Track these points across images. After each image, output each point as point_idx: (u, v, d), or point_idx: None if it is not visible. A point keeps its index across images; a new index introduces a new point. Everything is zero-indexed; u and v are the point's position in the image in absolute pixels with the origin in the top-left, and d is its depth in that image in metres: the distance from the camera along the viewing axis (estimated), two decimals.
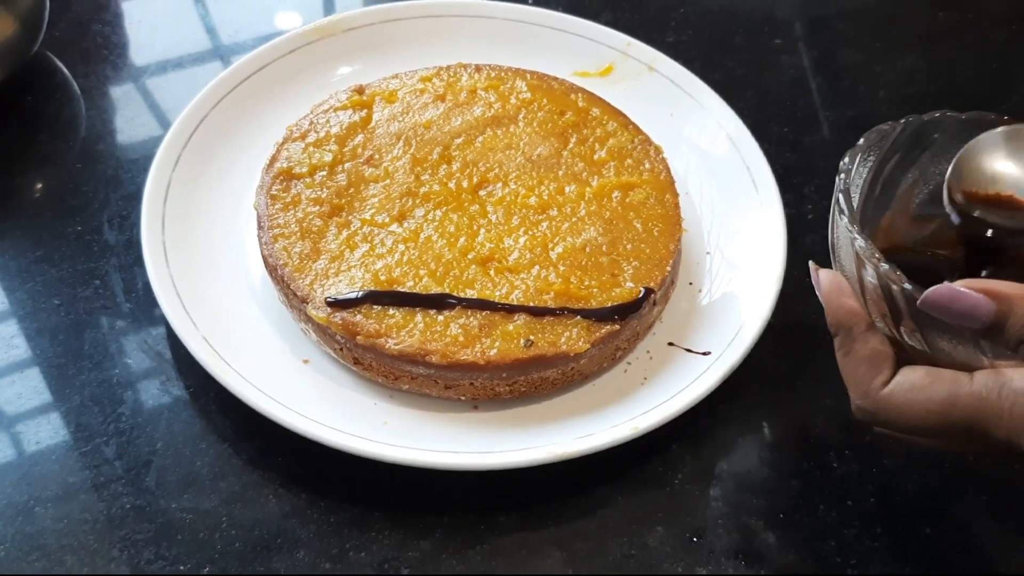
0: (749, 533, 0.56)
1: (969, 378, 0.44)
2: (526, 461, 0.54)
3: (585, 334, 0.57)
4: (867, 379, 0.46)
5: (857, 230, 0.47)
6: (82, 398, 0.59)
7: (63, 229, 0.67)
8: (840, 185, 0.50)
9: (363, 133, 0.66)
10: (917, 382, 0.44)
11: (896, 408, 0.45)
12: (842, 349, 0.48)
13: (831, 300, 0.48)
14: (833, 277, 0.49)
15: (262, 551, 0.54)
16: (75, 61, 0.79)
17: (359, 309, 0.57)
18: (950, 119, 0.52)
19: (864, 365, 0.46)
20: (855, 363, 0.47)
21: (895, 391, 0.45)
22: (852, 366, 0.47)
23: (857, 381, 0.47)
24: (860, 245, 0.47)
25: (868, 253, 0.46)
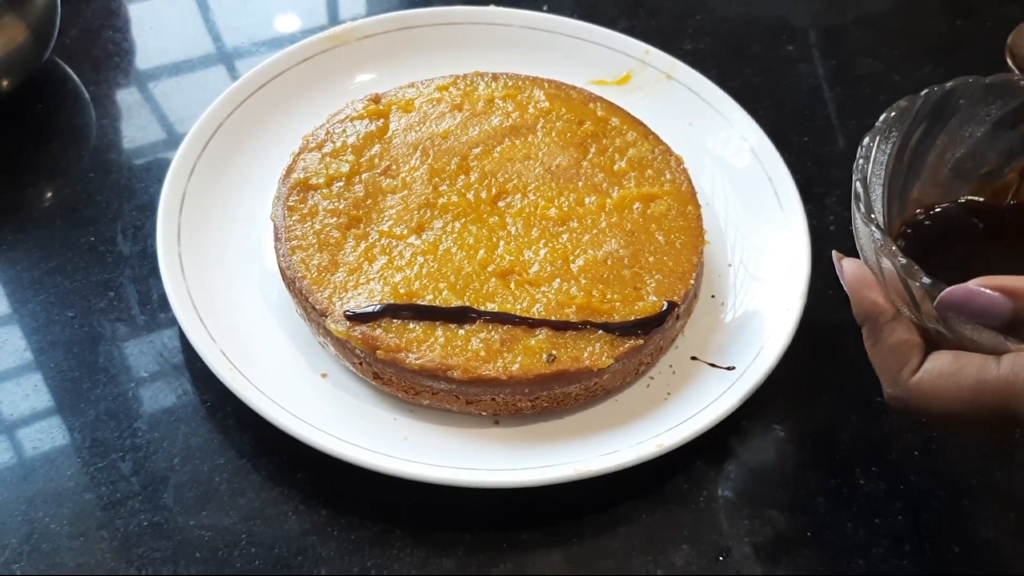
0: (776, 552, 0.55)
1: (996, 362, 0.44)
2: (550, 479, 0.54)
3: (608, 349, 0.57)
4: (896, 367, 0.47)
5: (875, 224, 0.46)
6: (97, 412, 0.59)
7: (76, 240, 0.66)
8: (858, 173, 0.49)
9: (380, 143, 0.65)
10: (945, 369, 0.45)
11: (926, 395, 0.45)
12: (870, 339, 0.48)
13: (856, 291, 0.49)
14: (857, 269, 0.49)
15: (283, 569, 0.53)
16: (86, 68, 0.78)
17: (379, 323, 0.56)
18: (974, 84, 0.52)
19: (893, 354, 0.47)
20: (884, 352, 0.47)
21: (924, 378, 0.46)
22: (881, 355, 0.48)
23: (887, 370, 0.47)
24: (877, 238, 0.46)
25: (885, 248, 0.46)
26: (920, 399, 0.46)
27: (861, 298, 0.48)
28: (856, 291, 0.49)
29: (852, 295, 0.49)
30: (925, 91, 0.51)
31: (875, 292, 0.48)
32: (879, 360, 0.48)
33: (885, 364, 0.47)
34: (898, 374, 0.47)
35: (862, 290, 0.48)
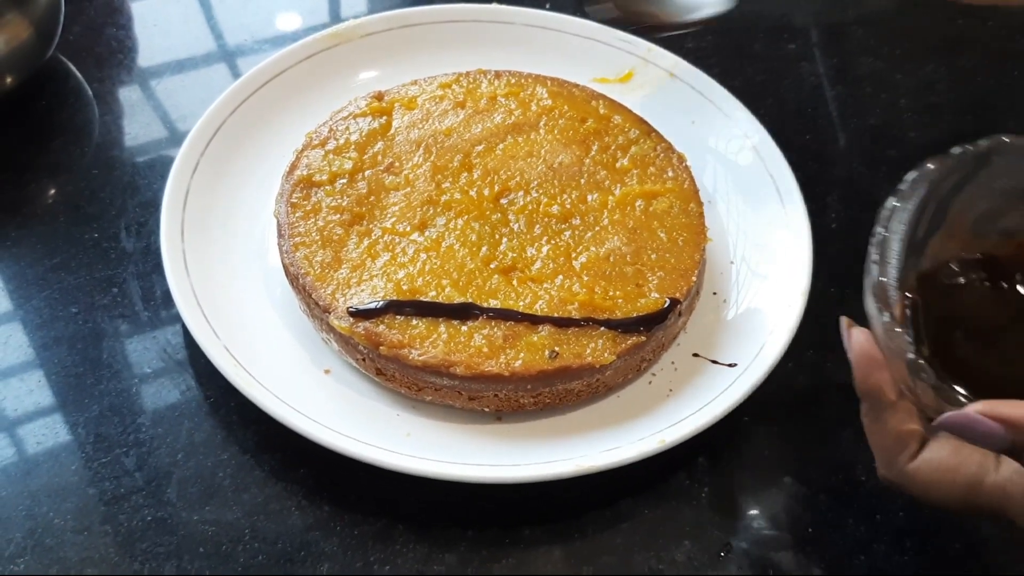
0: (778, 548, 0.55)
1: (995, 465, 0.43)
2: (552, 474, 0.54)
3: (610, 345, 0.57)
4: (894, 451, 0.46)
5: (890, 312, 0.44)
6: (101, 408, 0.59)
7: (79, 236, 0.67)
8: (876, 237, 0.47)
9: (383, 140, 0.66)
10: (943, 462, 0.44)
11: (921, 484, 0.45)
12: (869, 416, 0.47)
13: (860, 367, 0.47)
14: (865, 343, 0.47)
15: (286, 564, 0.53)
16: (89, 66, 0.78)
17: (382, 319, 0.57)
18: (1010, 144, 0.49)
19: (892, 438, 0.46)
20: (883, 434, 0.47)
21: (921, 467, 0.45)
22: (880, 436, 0.47)
23: (884, 451, 0.47)
24: (887, 323, 0.45)
25: (896, 339, 0.44)
26: (914, 487, 0.46)
27: (865, 375, 0.47)
28: (861, 367, 0.47)
29: (856, 370, 0.48)
30: (959, 150, 0.49)
31: (881, 371, 0.47)
32: (877, 440, 0.47)
33: (883, 446, 0.47)
34: (895, 458, 0.46)
35: (867, 367, 0.47)
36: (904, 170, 0.74)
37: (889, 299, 0.45)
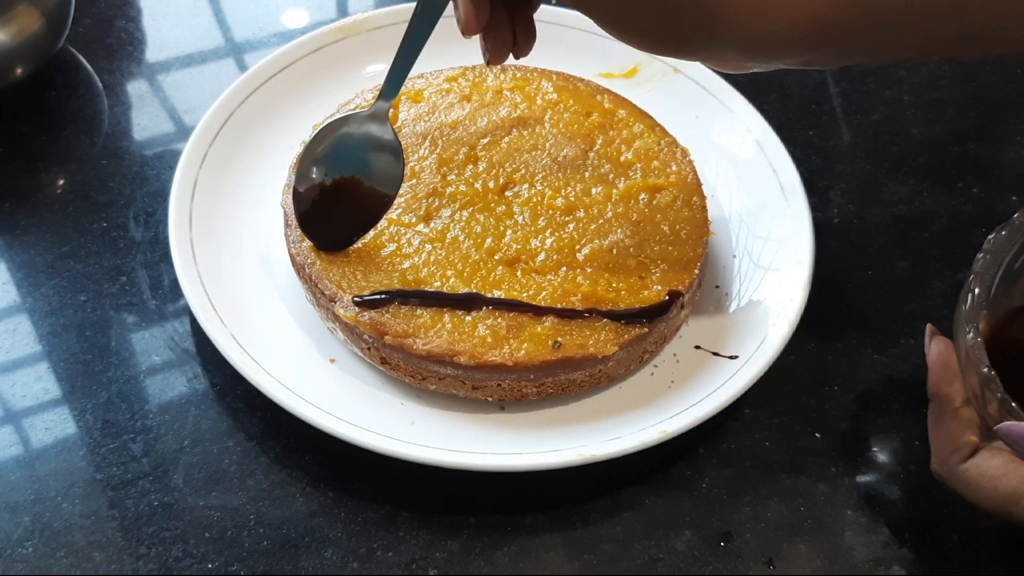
0: (777, 538, 0.56)
1: None
2: (554, 463, 0.54)
3: (613, 336, 0.57)
4: (948, 450, 0.51)
5: (972, 327, 0.48)
6: (109, 395, 0.59)
7: (88, 225, 0.67)
8: (977, 265, 0.51)
9: None
10: (990, 471, 0.49)
11: (967, 485, 0.50)
12: (933, 415, 0.52)
13: (935, 372, 0.52)
14: (944, 352, 0.52)
15: (290, 550, 0.54)
16: (98, 57, 0.79)
17: (387, 309, 0.57)
18: None
19: (949, 439, 0.51)
20: (942, 434, 0.51)
21: (970, 470, 0.49)
22: (939, 435, 0.52)
23: (939, 449, 0.51)
24: (970, 340, 0.48)
25: (976, 354, 0.48)
26: (960, 486, 0.50)
27: (939, 379, 0.52)
28: (936, 372, 0.52)
29: (931, 374, 0.52)
30: None
31: (953, 379, 0.51)
32: (936, 438, 0.52)
33: (939, 444, 0.51)
34: (948, 456, 0.51)
35: (942, 373, 0.52)
36: (906, 165, 0.75)
37: (978, 317, 0.49)
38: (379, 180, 0.59)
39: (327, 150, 0.59)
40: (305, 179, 0.59)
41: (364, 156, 0.59)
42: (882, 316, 0.66)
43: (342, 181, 0.59)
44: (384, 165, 0.59)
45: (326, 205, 0.59)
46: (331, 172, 0.59)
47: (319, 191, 0.59)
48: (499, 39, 0.55)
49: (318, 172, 0.59)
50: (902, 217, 0.72)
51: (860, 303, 0.67)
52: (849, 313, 0.66)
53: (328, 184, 0.59)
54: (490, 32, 0.54)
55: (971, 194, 0.74)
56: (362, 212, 0.60)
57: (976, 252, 0.67)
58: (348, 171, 0.59)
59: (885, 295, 0.67)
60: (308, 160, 0.59)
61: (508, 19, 0.54)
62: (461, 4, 0.52)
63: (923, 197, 0.73)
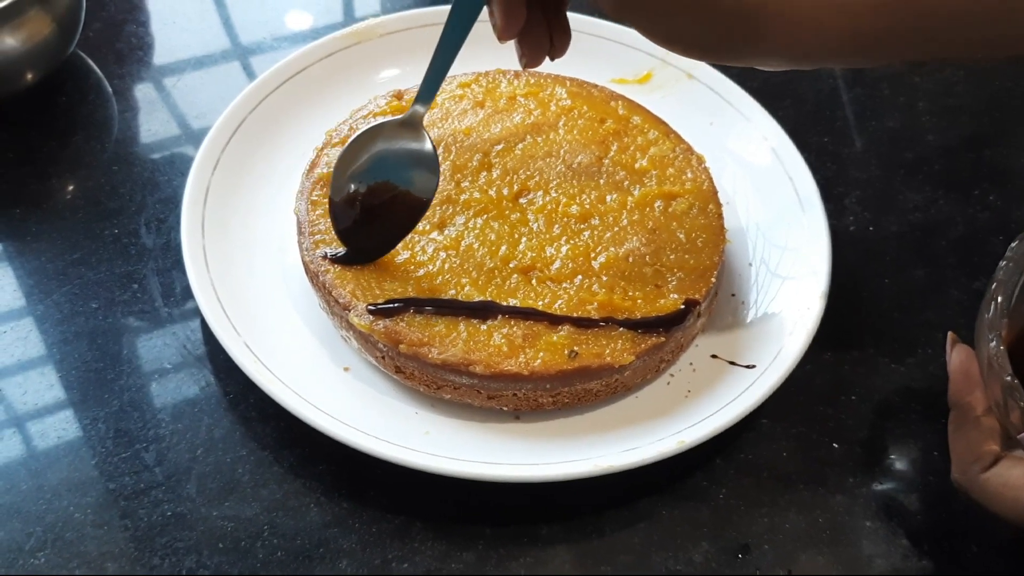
0: (795, 550, 0.55)
1: None
2: (571, 474, 0.54)
3: (629, 345, 0.57)
4: (969, 459, 0.50)
5: (995, 335, 0.48)
6: (121, 403, 0.59)
7: (99, 232, 0.67)
8: (999, 273, 0.50)
9: None
10: (1012, 481, 0.48)
11: (987, 495, 0.49)
12: (954, 424, 0.52)
13: (956, 380, 0.52)
14: (965, 360, 0.52)
15: (304, 561, 0.53)
16: (109, 62, 0.78)
17: (402, 317, 0.57)
18: None
19: (970, 448, 0.50)
20: (963, 443, 0.51)
21: (991, 480, 0.49)
22: (959, 444, 0.51)
23: (960, 459, 0.51)
24: (993, 348, 0.48)
25: (999, 362, 0.47)
26: (980, 495, 0.50)
27: (960, 388, 0.51)
28: (957, 380, 0.52)
29: (952, 382, 0.52)
30: None
31: (975, 388, 0.51)
32: (956, 447, 0.52)
33: (960, 453, 0.51)
34: (969, 466, 0.50)
35: (964, 382, 0.51)
36: (922, 172, 0.75)
37: (1000, 325, 0.48)
38: (415, 185, 0.59)
39: (361, 159, 0.58)
40: (341, 190, 0.59)
41: (399, 162, 0.59)
42: (899, 325, 0.66)
43: (376, 188, 0.59)
44: (419, 170, 0.59)
45: (363, 213, 0.59)
46: (366, 180, 0.58)
47: (355, 200, 0.59)
48: (535, 42, 0.54)
49: (353, 181, 0.58)
50: (918, 224, 0.72)
51: (876, 312, 0.67)
52: (865, 322, 0.66)
53: (363, 192, 0.59)
54: (526, 36, 0.54)
55: (987, 201, 0.73)
56: (398, 218, 0.59)
57: (993, 259, 0.66)
58: (383, 178, 0.59)
59: (901, 304, 0.67)
60: (343, 170, 0.58)
61: (543, 21, 0.54)
62: (496, 11, 0.52)
63: (939, 204, 0.73)
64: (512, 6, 0.52)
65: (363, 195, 0.59)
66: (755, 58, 0.46)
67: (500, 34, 0.53)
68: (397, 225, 0.59)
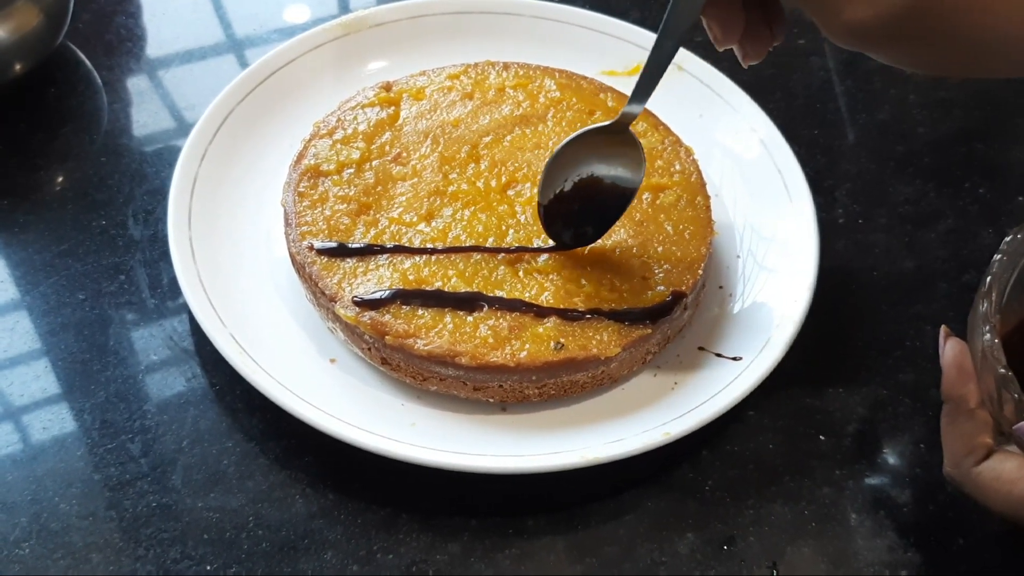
0: (781, 542, 0.55)
1: None
2: (556, 465, 0.54)
3: (616, 337, 0.57)
4: (961, 453, 0.50)
5: (990, 328, 0.48)
6: (107, 394, 0.59)
7: (87, 223, 0.67)
8: (994, 267, 0.50)
9: (391, 130, 0.66)
10: (1005, 474, 0.48)
11: (980, 488, 0.49)
12: (947, 417, 0.51)
13: (950, 373, 0.51)
14: (959, 354, 0.51)
15: (289, 552, 0.53)
16: (98, 53, 0.78)
17: (388, 309, 0.57)
18: None
19: (962, 441, 0.50)
20: (956, 436, 0.50)
21: (983, 474, 0.49)
22: (952, 437, 0.51)
23: (953, 452, 0.51)
24: (987, 341, 0.47)
25: (993, 354, 0.47)
26: (973, 489, 0.49)
27: (953, 381, 0.51)
28: (950, 374, 0.51)
29: (945, 375, 0.51)
30: None
31: (968, 381, 0.50)
32: (949, 440, 0.51)
33: (953, 446, 0.51)
34: (962, 459, 0.50)
35: (956, 374, 0.51)
36: (912, 165, 0.74)
37: (994, 319, 0.48)
38: (621, 178, 0.58)
39: (568, 160, 0.58)
40: (547, 193, 0.58)
41: (604, 159, 0.58)
42: (887, 317, 0.66)
43: (582, 183, 0.58)
44: (623, 164, 0.58)
45: (569, 207, 0.59)
46: (572, 178, 0.58)
47: (562, 197, 0.58)
48: (757, 41, 0.53)
49: (560, 182, 0.58)
50: (908, 217, 0.71)
51: (865, 304, 0.67)
52: (854, 314, 0.66)
53: (568, 189, 0.58)
54: (747, 36, 0.52)
55: (978, 194, 0.73)
56: (605, 209, 0.59)
57: (984, 253, 0.66)
58: (587, 174, 0.58)
59: (890, 296, 0.67)
60: (551, 174, 0.58)
61: (763, 16, 0.52)
62: (713, 23, 0.51)
63: (929, 197, 0.73)
64: (730, 14, 0.51)
65: (569, 192, 0.58)
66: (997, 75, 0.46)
67: (719, 44, 0.52)
68: (604, 215, 0.59)
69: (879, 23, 0.44)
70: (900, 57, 0.46)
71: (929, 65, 0.47)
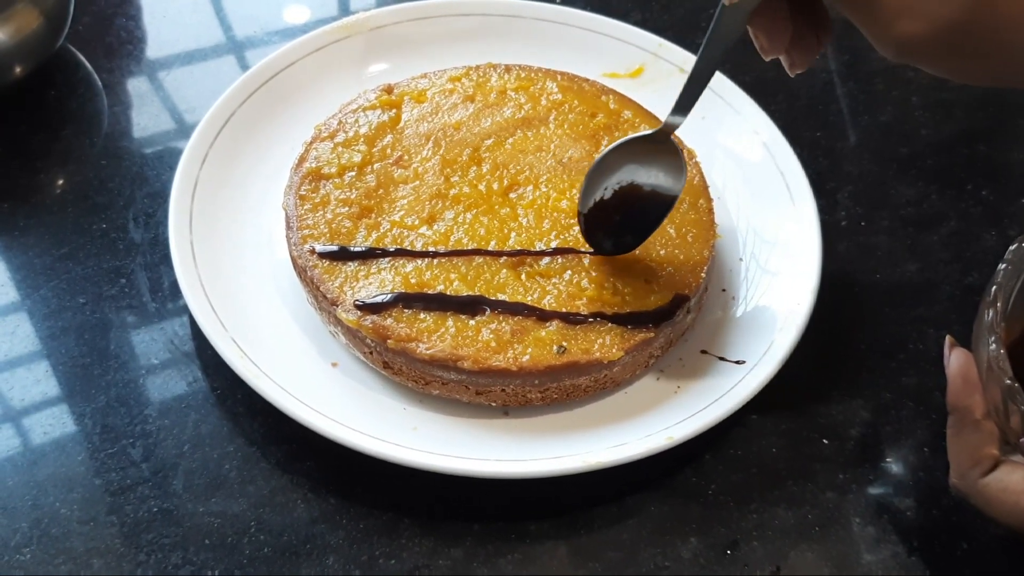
0: (784, 546, 0.55)
1: None
2: (559, 470, 0.54)
3: (618, 341, 0.57)
4: (967, 464, 0.50)
5: (995, 338, 0.47)
6: (108, 399, 0.59)
7: (88, 226, 0.66)
8: (999, 276, 0.49)
9: (392, 133, 0.65)
10: (1011, 486, 0.48)
11: (986, 500, 0.49)
12: (953, 428, 0.51)
13: (955, 384, 0.51)
14: (964, 364, 0.51)
15: (291, 557, 0.53)
16: (98, 56, 0.78)
17: (390, 313, 0.56)
18: None
19: (968, 452, 0.50)
20: (962, 447, 0.50)
21: (990, 485, 0.48)
22: (958, 449, 0.50)
23: (959, 463, 0.50)
24: (992, 351, 0.47)
25: (999, 364, 0.47)
26: (980, 500, 0.49)
27: (959, 392, 0.51)
28: (956, 384, 0.51)
29: (950, 386, 0.51)
30: None
31: (974, 392, 0.50)
32: (955, 452, 0.51)
33: (959, 458, 0.50)
34: (968, 471, 0.49)
35: (963, 386, 0.50)
36: (914, 167, 0.74)
37: (999, 329, 0.48)
38: (662, 186, 0.58)
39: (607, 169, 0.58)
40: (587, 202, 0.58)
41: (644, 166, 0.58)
42: (890, 320, 0.65)
43: (622, 191, 0.58)
44: (664, 172, 0.58)
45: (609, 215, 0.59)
46: (611, 186, 0.58)
47: (602, 205, 0.58)
48: (804, 49, 0.52)
49: (600, 190, 0.58)
50: (910, 219, 0.71)
51: (868, 307, 0.66)
52: (857, 317, 0.65)
53: (608, 197, 0.58)
54: (793, 45, 0.51)
55: (980, 196, 0.73)
56: (646, 215, 0.59)
57: (986, 255, 0.66)
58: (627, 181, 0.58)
59: (893, 299, 0.67)
60: (591, 183, 0.58)
61: (810, 24, 0.51)
62: (760, 34, 0.51)
63: (932, 199, 0.73)
64: (777, 23, 0.50)
65: (609, 200, 0.58)
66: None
67: (766, 54, 0.51)
68: (644, 223, 0.59)
69: (931, 37, 0.43)
70: (951, 70, 0.46)
71: (978, 77, 0.47)
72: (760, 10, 0.49)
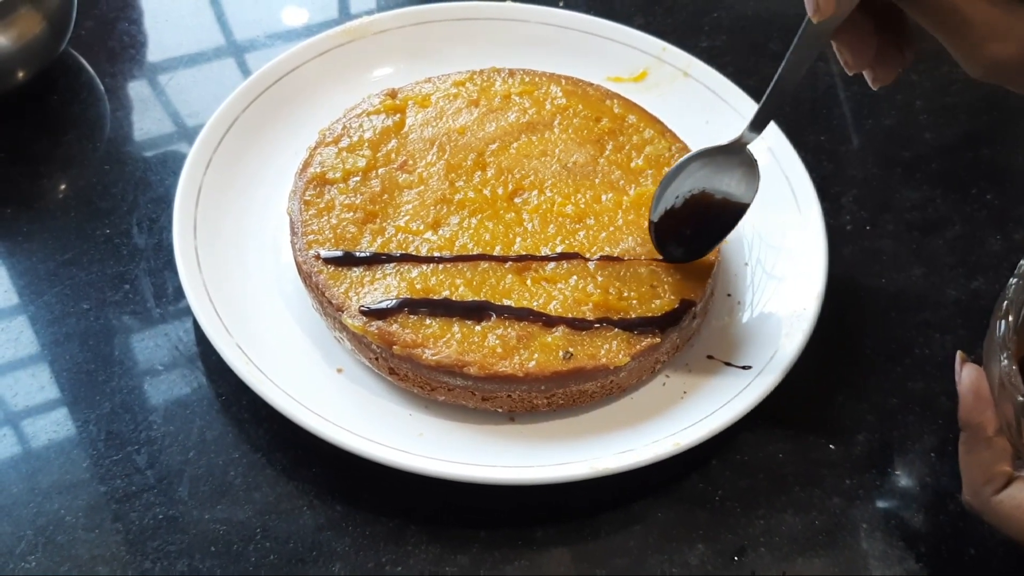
0: (791, 552, 0.55)
1: None
2: (566, 476, 0.54)
3: (625, 347, 0.56)
4: (980, 481, 0.49)
5: (1007, 354, 0.47)
6: (112, 405, 0.58)
7: (91, 232, 0.66)
8: (1009, 291, 0.49)
9: (396, 138, 0.65)
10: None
11: (1000, 517, 0.48)
12: (966, 445, 0.50)
13: (967, 400, 0.50)
14: (976, 380, 0.50)
15: (297, 564, 0.53)
16: (101, 60, 0.78)
17: (395, 318, 0.56)
18: None
19: (981, 469, 0.49)
20: (974, 464, 0.50)
21: (1004, 502, 0.48)
22: (971, 466, 0.50)
23: (971, 480, 0.50)
24: (1004, 367, 0.47)
25: (1011, 380, 0.46)
26: (993, 517, 0.49)
27: (971, 408, 0.50)
28: (967, 400, 0.50)
29: (962, 402, 0.51)
30: None
31: (986, 408, 0.50)
32: (967, 469, 0.50)
33: (972, 474, 0.50)
34: (980, 488, 0.49)
35: (974, 401, 0.50)
36: (919, 171, 0.74)
37: (1010, 343, 0.47)
38: (733, 194, 0.59)
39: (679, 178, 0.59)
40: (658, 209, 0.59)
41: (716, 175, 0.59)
42: (896, 325, 0.65)
43: (692, 199, 0.59)
44: (737, 180, 0.59)
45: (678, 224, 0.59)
46: (683, 194, 0.59)
47: (673, 213, 0.59)
48: (888, 64, 0.52)
49: (671, 198, 0.59)
50: (915, 224, 0.71)
51: (873, 311, 0.66)
52: (862, 322, 0.65)
53: (679, 205, 0.59)
54: (877, 60, 0.51)
55: (985, 200, 0.73)
56: (714, 224, 0.59)
57: (991, 259, 0.66)
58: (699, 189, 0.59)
59: (898, 303, 0.66)
60: (663, 191, 0.59)
61: (894, 39, 0.51)
62: (844, 50, 0.51)
63: (936, 203, 0.73)
64: (862, 38, 0.50)
65: (679, 208, 0.59)
66: None
67: (850, 68, 0.52)
68: (713, 231, 0.60)
69: (1021, 59, 0.43)
70: None
71: None
72: (844, 26, 0.49)
